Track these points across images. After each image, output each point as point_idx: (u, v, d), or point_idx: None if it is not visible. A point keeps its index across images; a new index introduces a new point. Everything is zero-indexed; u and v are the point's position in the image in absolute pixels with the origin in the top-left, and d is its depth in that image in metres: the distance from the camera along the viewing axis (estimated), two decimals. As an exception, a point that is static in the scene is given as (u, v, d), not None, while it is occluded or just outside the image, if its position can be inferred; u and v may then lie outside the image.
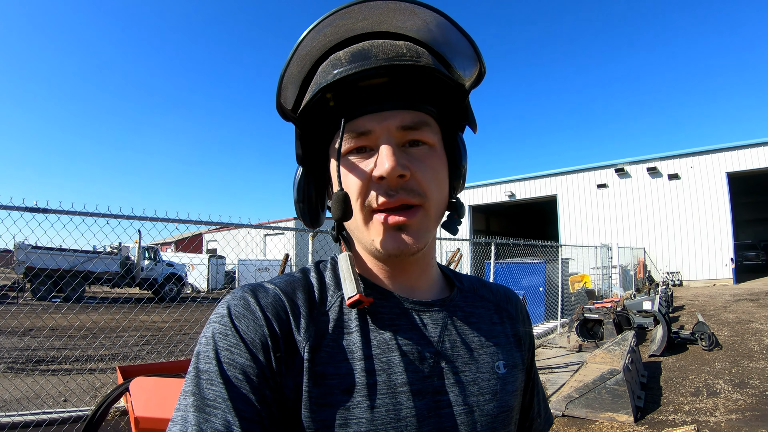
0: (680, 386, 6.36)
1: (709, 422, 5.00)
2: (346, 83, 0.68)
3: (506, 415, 0.79)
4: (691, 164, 23.91)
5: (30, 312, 8.88)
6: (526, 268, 13.19)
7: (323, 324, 0.71)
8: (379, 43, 0.70)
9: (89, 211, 4.14)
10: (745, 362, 7.41)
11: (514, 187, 30.00)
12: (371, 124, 0.70)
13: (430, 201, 0.72)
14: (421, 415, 0.69)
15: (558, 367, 7.74)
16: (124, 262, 19.90)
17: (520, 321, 0.94)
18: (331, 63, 0.70)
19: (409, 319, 0.76)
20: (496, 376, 0.80)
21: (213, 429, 0.58)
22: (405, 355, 0.72)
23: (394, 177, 0.68)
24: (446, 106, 0.79)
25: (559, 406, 5.45)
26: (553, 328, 11.53)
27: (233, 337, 0.65)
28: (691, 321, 10.37)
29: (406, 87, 0.71)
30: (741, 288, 19.85)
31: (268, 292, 0.71)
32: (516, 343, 0.89)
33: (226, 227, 5.56)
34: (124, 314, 8.71)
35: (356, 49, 0.69)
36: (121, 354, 8.02)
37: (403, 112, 0.71)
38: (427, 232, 0.74)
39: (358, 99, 0.71)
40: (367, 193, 0.71)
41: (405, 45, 0.70)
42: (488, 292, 0.93)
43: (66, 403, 5.17)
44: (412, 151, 0.72)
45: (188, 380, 0.64)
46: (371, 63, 0.67)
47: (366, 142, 0.71)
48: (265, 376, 0.64)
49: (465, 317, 0.83)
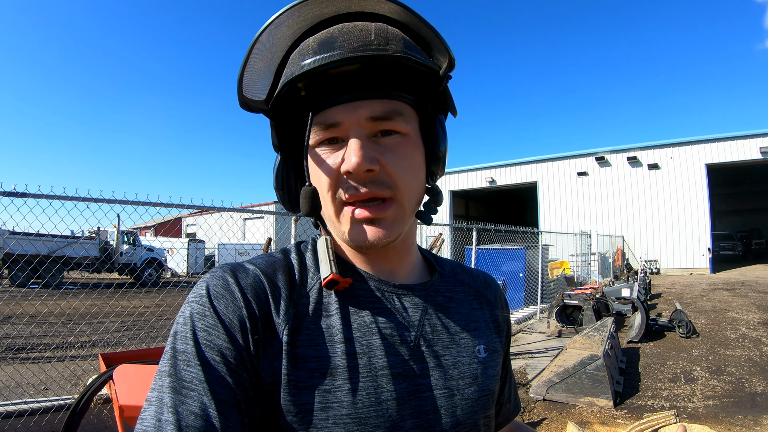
0: (658, 372, 6.50)
1: (687, 408, 5.13)
2: (314, 74, 0.67)
3: (486, 399, 0.80)
4: (671, 155, 24.28)
5: (8, 299, 8.70)
6: (506, 254, 13.32)
7: (303, 306, 0.71)
8: (349, 29, 0.68)
9: (68, 195, 4.05)
10: (721, 350, 7.59)
11: (495, 173, 30.17)
12: (341, 115, 0.68)
13: (401, 192, 0.71)
14: (402, 399, 0.69)
15: (538, 352, 7.85)
16: (103, 247, 19.63)
17: (499, 307, 0.95)
18: (299, 52, 0.68)
19: (389, 303, 0.76)
20: (476, 360, 0.81)
21: (189, 411, 0.58)
22: (386, 339, 0.72)
23: (360, 172, 0.67)
24: (422, 90, 0.77)
25: (540, 390, 5.53)
26: (533, 313, 11.67)
27: (211, 317, 0.64)
28: (668, 309, 10.57)
29: (378, 74, 0.70)
30: (717, 277, 20.31)
31: (248, 273, 0.70)
32: (495, 329, 0.90)
33: (206, 211, 5.51)
34: (104, 300, 8.58)
35: (323, 37, 0.67)
36: (102, 340, 7.93)
37: (374, 101, 0.69)
38: (401, 223, 0.73)
39: (329, 88, 0.69)
40: (336, 186, 0.70)
41: (375, 29, 0.68)
42: (469, 278, 0.94)
43: (47, 391, 5.11)
44: (383, 141, 0.70)
45: (164, 360, 0.63)
46: (335, 55, 0.65)
47: (336, 134, 0.70)
48: (243, 359, 0.63)
49: (445, 302, 0.84)
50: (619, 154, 25.80)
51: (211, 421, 0.58)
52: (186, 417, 0.57)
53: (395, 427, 0.67)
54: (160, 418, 0.57)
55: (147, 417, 0.59)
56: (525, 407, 5.28)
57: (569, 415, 4.98)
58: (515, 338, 9.12)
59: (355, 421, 0.65)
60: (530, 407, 5.29)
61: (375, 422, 0.66)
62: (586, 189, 26.90)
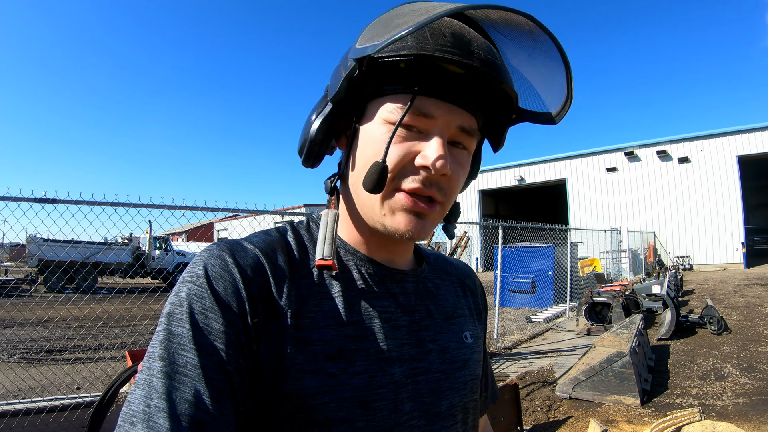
0: (688, 370, 6.35)
1: (716, 406, 5.00)
2: (434, 60, 0.64)
3: (474, 382, 0.83)
4: (702, 147, 23.64)
5: (42, 302, 8.99)
6: (535, 252, 13.18)
7: (305, 288, 0.69)
8: (476, 36, 0.66)
9: (98, 200, 4.16)
10: (753, 346, 7.38)
11: (524, 171, 29.86)
12: (437, 111, 0.67)
13: (449, 201, 0.73)
14: (401, 382, 0.70)
15: (566, 351, 7.75)
16: (135, 252, 20.01)
17: (479, 295, 0.98)
18: (430, 33, 0.63)
19: (387, 287, 0.77)
20: (464, 345, 0.83)
21: (182, 398, 0.56)
22: (386, 323, 0.73)
23: (439, 174, 0.67)
24: (491, 118, 0.77)
25: (566, 388, 5.46)
26: (562, 311, 11.51)
27: (209, 300, 0.62)
28: (700, 305, 10.31)
29: (476, 88, 0.69)
30: (751, 272, 19.70)
31: (247, 253, 0.68)
32: (477, 316, 0.93)
33: (237, 215, 5.58)
34: (135, 303, 8.78)
35: (457, 31, 0.65)
36: (132, 342, 8.11)
37: (466, 113, 0.69)
38: (434, 226, 0.75)
39: (431, 76, 0.67)
40: (400, 173, 0.69)
41: (495, 49, 0.68)
42: (451, 267, 0.97)
43: (78, 390, 5.26)
44: (454, 151, 0.71)
45: (157, 342, 0.60)
46: (473, 60, 0.63)
47: (421, 125, 0.68)
48: (241, 344, 0.61)
49: (435, 288, 0.86)
50: (649, 148, 25.25)
51: (205, 409, 0.56)
52: (179, 404, 0.55)
53: (395, 409, 0.68)
54: (149, 403, 0.55)
55: (134, 400, 0.56)
56: (551, 405, 5.22)
57: (595, 414, 4.90)
58: (543, 337, 9.02)
59: (358, 404, 0.65)
60: (556, 405, 5.23)
61: (377, 405, 0.67)
62: (616, 185, 26.40)
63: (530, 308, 12.55)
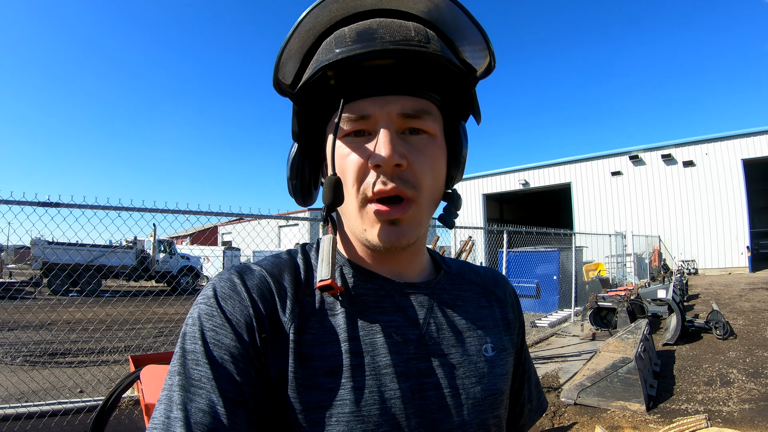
0: (693, 375, 6.30)
1: (722, 411, 4.95)
2: (348, 62, 0.65)
3: (494, 398, 0.78)
4: (706, 151, 23.54)
5: (45, 305, 9.01)
6: (539, 257, 13.17)
7: (309, 305, 0.71)
8: (387, 23, 0.67)
9: (101, 204, 4.17)
10: (759, 351, 7.31)
11: (528, 175, 29.77)
12: (372, 108, 0.68)
13: (423, 193, 0.70)
14: (406, 397, 0.68)
15: (571, 356, 7.70)
16: (139, 256, 20.08)
17: (509, 305, 0.93)
18: (334, 40, 0.67)
19: (394, 301, 0.75)
20: (483, 359, 0.79)
21: (197, 409, 0.58)
22: (390, 337, 0.71)
23: (390, 165, 0.66)
24: (451, 93, 0.76)
25: (571, 394, 5.43)
26: (567, 316, 11.47)
27: (219, 318, 0.65)
28: (705, 310, 10.25)
29: (411, 71, 0.69)
30: (757, 276, 19.55)
31: (254, 274, 0.71)
32: (505, 327, 0.88)
33: (241, 219, 5.58)
34: (139, 307, 8.80)
35: (362, 28, 0.66)
36: (135, 346, 8.12)
37: (405, 98, 0.68)
38: (420, 225, 0.73)
39: (360, 79, 0.68)
40: (362, 180, 0.69)
41: (414, 27, 0.67)
42: (476, 276, 0.92)
43: (82, 393, 5.27)
44: (411, 139, 0.69)
45: (174, 360, 0.64)
46: (376, 45, 0.64)
47: (365, 126, 0.69)
48: (251, 357, 0.64)
49: (452, 300, 0.83)
50: (653, 152, 25.16)
51: (219, 418, 0.59)
52: (194, 414, 0.58)
53: (399, 425, 0.67)
54: (169, 415, 0.58)
55: (157, 415, 0.60)
56: (555, 411, 5.19)
57: (600, 420, 4.87)
58: (548, 342, 8.97)
59: (358, 419, 0.64)
60: (561, 411, 5.20)
61: (378, 420, 0.65)
62: (621, 189, 26.29)
63: (535, 313, 12.53)
